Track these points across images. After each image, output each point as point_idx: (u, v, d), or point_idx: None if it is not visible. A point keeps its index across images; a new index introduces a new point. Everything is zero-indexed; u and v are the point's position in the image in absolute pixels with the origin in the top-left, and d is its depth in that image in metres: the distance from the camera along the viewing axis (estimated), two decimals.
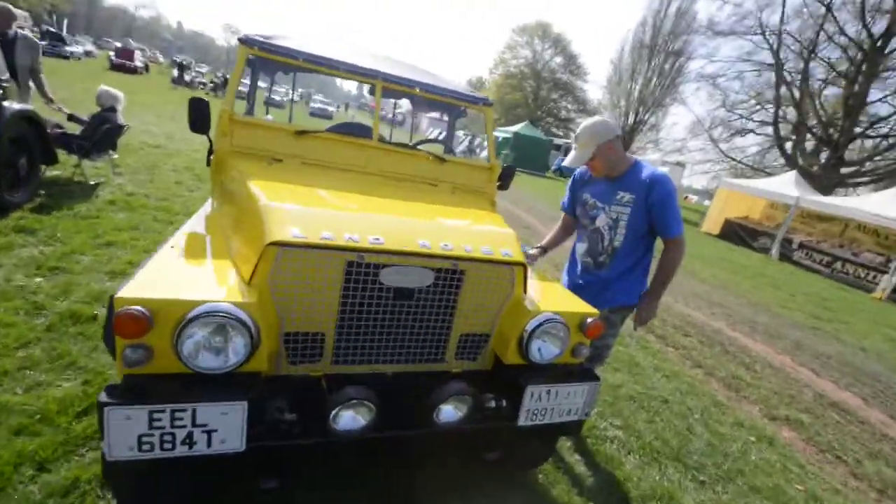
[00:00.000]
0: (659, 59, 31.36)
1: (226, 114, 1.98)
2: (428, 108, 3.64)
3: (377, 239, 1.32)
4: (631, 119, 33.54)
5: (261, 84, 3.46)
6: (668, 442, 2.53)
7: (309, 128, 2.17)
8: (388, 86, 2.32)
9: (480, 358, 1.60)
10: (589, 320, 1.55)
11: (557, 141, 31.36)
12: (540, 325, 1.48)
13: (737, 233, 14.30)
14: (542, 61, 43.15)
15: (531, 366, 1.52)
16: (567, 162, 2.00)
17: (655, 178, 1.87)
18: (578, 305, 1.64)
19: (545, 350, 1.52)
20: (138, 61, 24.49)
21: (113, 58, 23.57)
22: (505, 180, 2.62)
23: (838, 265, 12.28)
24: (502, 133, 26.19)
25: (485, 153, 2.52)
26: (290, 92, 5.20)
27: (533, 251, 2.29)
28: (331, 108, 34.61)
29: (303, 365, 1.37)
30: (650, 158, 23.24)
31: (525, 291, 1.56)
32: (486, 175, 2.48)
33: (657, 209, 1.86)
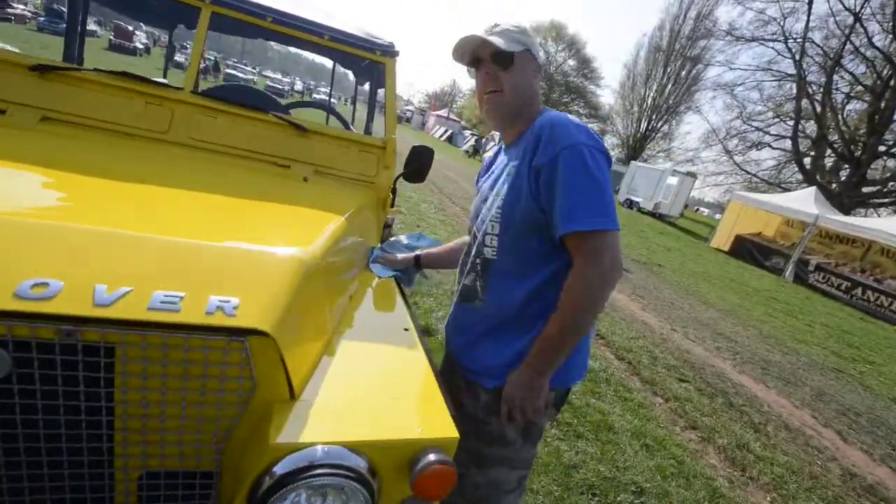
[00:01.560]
0: (675, 64, 30.34)
1: None
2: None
3: None
4: (644, 126, 32.52)
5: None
6: None
7: (59, 63, 1.34)
8: (220, 10, 1.50)
9: None
10: (430, 457, 0.71)
11: None
12: (299, 470, 0.64)
13: (748, 250, 13.29)
14: (556, 63, 42.14)
15: None
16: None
17: (545, 122, 0.93)
18: (418, 420, 0.79)
19: None
20: (139, 42, 24.39)
21: (112, 38, 23.35)
22: (416, 167, 1.79)
23: (859, 291, 11.26)
24: None
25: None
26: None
27: (402, 256, 1.37)
28: (250, 76, 29.62)
29: None
30: (661, 168, 21.44)
31: (291, 389, 0.72)
32: (374, 158, 1.65)
33: (545, 176, 0.90)
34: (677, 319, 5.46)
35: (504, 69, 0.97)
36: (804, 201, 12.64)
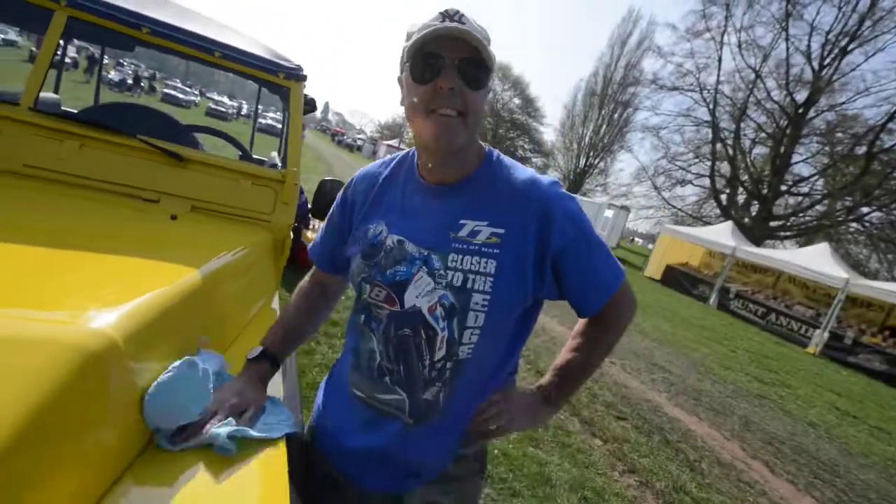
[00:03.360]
0: (609, 107, 32.95)
1: None
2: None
3: None
4: (582, 162, 34.72)
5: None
6: None
7: None
8: (79, 15, 1.26)
9: None
10: None
11: None
12: None
13: (677, 279, 14.22)
14: (502, 101, 44.38)
15: None
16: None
17: (548, 189, 0.76)
18: None
19: None
20: (66, 56, 22.47)
21: (33, 49, 21.26)
22: (326, 202, 1.59)
23: (773, 317, 12.30)
24: None
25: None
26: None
27: (251, 352, 0.83)
28: (192, 97, 24.41)
29: None
30: (598, 202, 23.09)
31: None
32: (271, 192, 1.43)
33: (575, 252, 0.75)
34: (614, 351, 5.54)
35: (477, 87, 0.70)
36: (723, 234, 13.83)
